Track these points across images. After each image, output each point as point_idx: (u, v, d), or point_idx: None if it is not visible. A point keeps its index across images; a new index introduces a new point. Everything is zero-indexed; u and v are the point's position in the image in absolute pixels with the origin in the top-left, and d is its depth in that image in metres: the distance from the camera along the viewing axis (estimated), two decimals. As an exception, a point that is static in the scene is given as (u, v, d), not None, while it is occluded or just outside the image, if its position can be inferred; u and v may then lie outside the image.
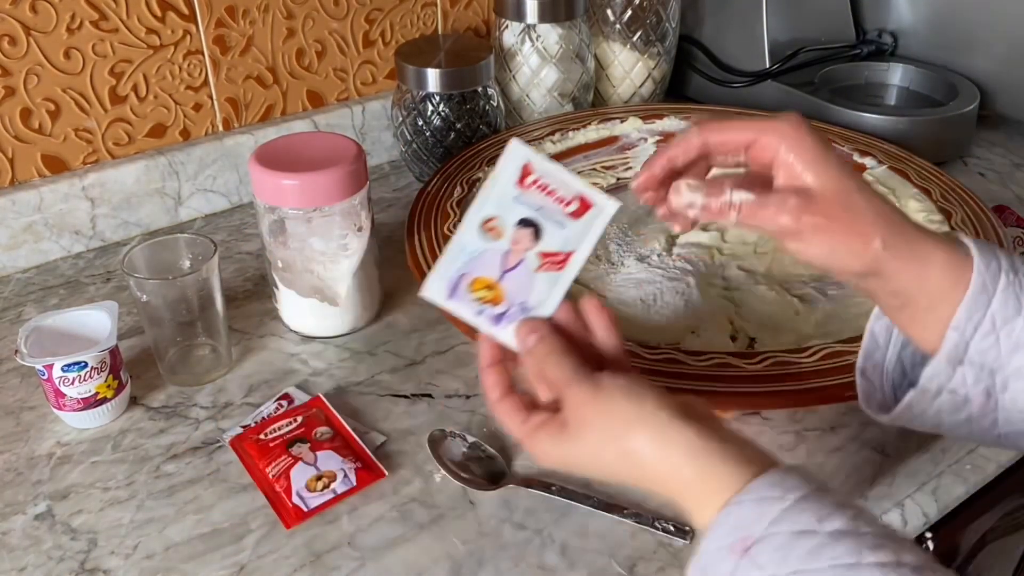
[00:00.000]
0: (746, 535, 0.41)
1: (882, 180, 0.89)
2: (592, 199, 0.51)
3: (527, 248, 0.52)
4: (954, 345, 0.49)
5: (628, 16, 1.06)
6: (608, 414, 0.47)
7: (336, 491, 0.61)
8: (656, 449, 0.45)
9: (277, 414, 0.68)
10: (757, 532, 0.41)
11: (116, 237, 0.91)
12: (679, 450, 0.45)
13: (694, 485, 0.44)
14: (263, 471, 0.63)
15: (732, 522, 0.42)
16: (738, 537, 0.41)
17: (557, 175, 0.51)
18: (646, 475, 0.46)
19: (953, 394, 0.50)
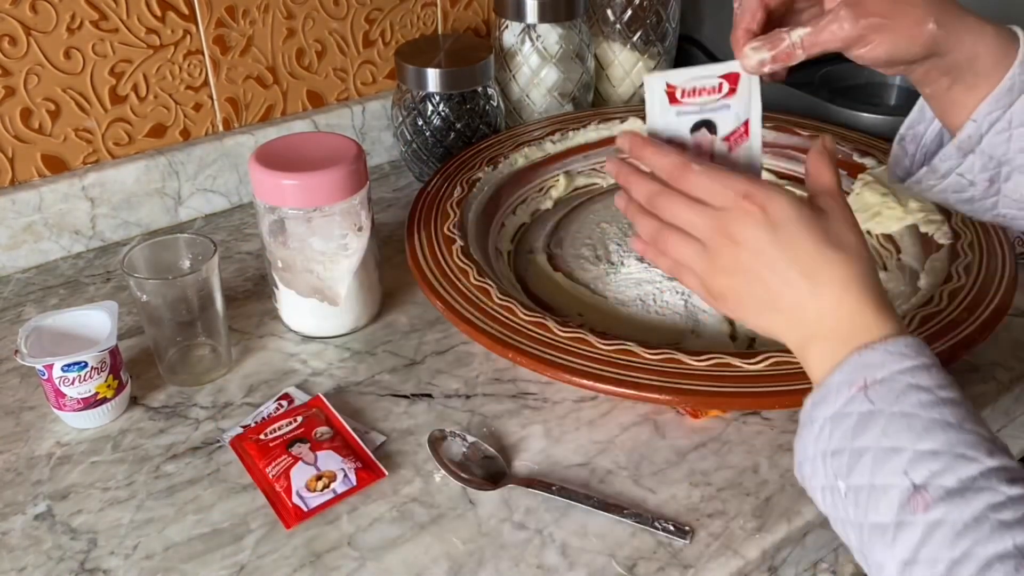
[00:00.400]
0: (870, 375, 0.46)
1: (882, 180, 0.88)
2: (734, 69, 0.56)
3: (711, 143, 0.57)
4: (968, 136, 0.55)
5: (628, 16, 1.06)
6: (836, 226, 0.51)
7: (336, 491, 0.61)
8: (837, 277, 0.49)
9: (277, 414, 0.68)
10: (881, 375, 0.46)
11: (116, 237, 0.91)
12: (854, 288, 0.49)
13: (843, 323, 0.49)
14: (263, 471, 0.63)
15: (861, 363, 0.47)
16: (862, 375, 0.46)
17: (696, 74, 0.56)
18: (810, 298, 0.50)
19: (960, 177, 0.57)
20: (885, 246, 0.85)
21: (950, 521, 0.41)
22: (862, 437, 0.45)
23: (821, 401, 0.48)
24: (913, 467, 0.43)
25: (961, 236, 0.78)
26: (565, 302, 0.79)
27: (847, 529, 0.46)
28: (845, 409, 0.46)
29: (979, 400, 0.70)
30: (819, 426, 0.47)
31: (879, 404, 0.45)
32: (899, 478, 0.43)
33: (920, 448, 0.43)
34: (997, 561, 0.39)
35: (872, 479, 0.44)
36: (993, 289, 0.71)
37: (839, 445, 0.46)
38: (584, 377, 0.64)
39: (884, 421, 0.45)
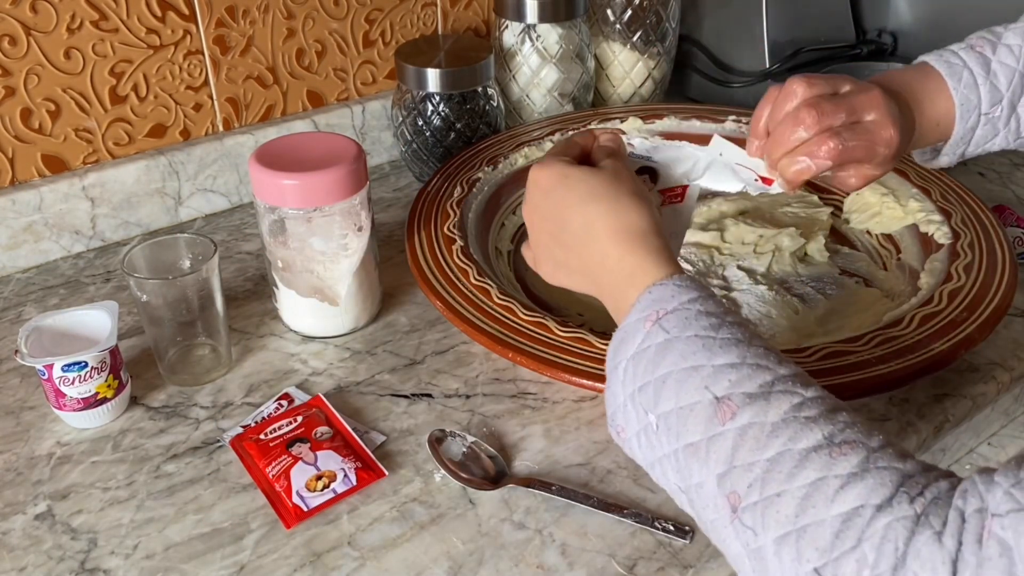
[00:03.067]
0: (661, 308, 0.49)
1: (882, 180, 0.88)
2: None
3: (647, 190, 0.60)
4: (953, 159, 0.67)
5: (628, 16, 1.06)
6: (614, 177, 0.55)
7: (336, 491, 0.61)
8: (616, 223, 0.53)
9: (277, 414, 0.68)
10: (671, 306, 0.49)
11: (116, 237, 0.91)
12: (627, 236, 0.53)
13: (625, 270, 0.52)
14: (263, 471, 0.63)
15: (653, 298, 0.50)
16: (654, 309, 0.49)
17: None
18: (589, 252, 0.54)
19: None
20: (885, 246, 0.85)
21: (758, 423, 0.43)
22: (662, 365, 0.47)
23: (620, 343, 0.50)
24: (713, 381, 0.45)
25: (961, 236, 0.78)
26: (565, 302, 0.79)
27: (665, 466, 0.47)
28: (643, 345, 0.48)
29: (979, 400, 0.70)
30: (623, 369, 0.49)
31: (673, 331, 0.47)
32: (702, 393, 0.45)
33: (716, 363, 0.45)
34: (812, 452, 0.41)
35: (678, 402, 0.46)
36: (993, 289, 0.71)
37: (643, 380, 0.48)
38: (584, 377, 0.64)
39: (681, 346, 0.47)
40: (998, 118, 0.63)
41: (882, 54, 1.17)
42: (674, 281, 0.50)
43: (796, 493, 0.40)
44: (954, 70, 0.63)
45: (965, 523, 0.37)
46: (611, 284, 0.54)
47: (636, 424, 0.49)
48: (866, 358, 0.64)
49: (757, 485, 0.42)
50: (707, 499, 0.44)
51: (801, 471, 0.41)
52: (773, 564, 0.41)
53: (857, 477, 0.40)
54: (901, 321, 0.68)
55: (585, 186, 0.55)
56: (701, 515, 0.46)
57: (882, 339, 0.66)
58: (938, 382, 0.70)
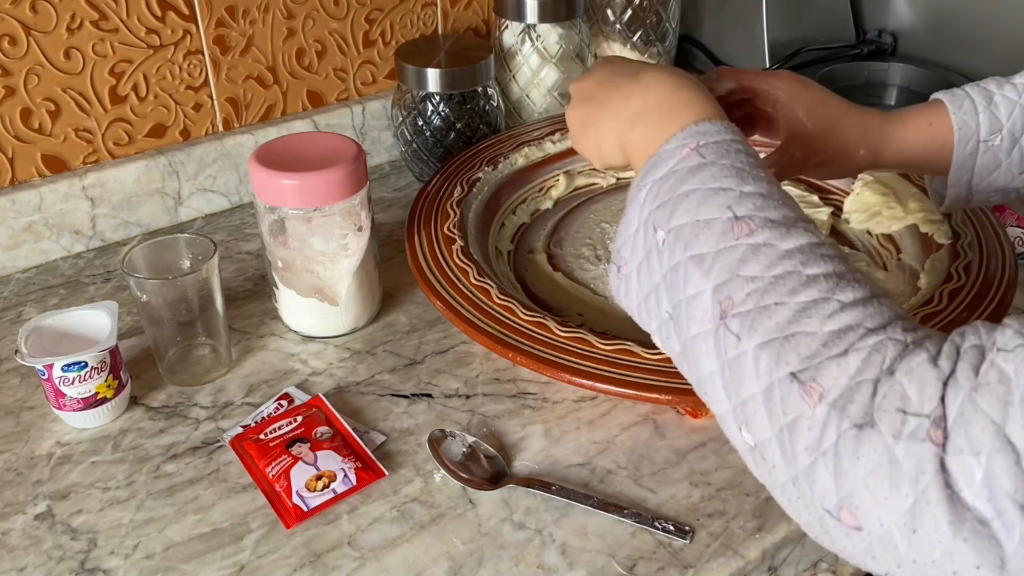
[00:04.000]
0: (703, 139, 0.49)
1: (882, 180, 0.89)
2: None
3: None
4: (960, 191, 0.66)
5: (628, 16, 1.06)
6: None
7: (336, 491, 0.61)
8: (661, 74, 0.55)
9: (277, 414, 0.68)
10: (711, 139, 0.49)
11: (116, 237, 0.91)
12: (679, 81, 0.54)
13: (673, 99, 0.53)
14: (263, 471, 0.63)
15: (698, 130, 0.49)
16: (695, 139, 0.49)
17: None
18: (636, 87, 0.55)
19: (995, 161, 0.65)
20: (885, 246, 0.85)
21: (772, 245, 0.43)
22: (688, 182, 0.47)
23: (652, 167, 0.49)
24: (738, 203, 0.45)
25: (961, 236, 0.78)
26: (565, 302, 0.79)
27: (660, 295, 0.47)
28: (675, 167, 0.48)
29: (979, 400, 0.70)
30: (646, 191, 0.49)
31: (709, 157, 0.47)
32: (722, 211, 0.45)
33: (745, 189, 0.45)
34: (821, 278, 0.41)
35: (695, 215, 0.45)
36: (993, 289, 0.71)
37: (664, 199, 0.47)
38: (584, 377, 0.64)
39: (714, 169, 0.47)
40: (998, 147, 0.64)
41: (882, 54, 1.17)
42: (724, 123, 0.50)
43: (793, 306, 0.41)
44: (956, 98, 0.65)
45: (960, 354, 0.38)
46: (661, 106, 0.53)
47: (642, 251, 0.48)
48: (866, 358, 0.64)
49: (755, 295, 0.42)
50: (696, 310, 0.44)
51: (804, 289, 0.41)
52: (748, 371, 0.41)
53: (858, 304, 0.40)
54: (901, 321, 0.68)
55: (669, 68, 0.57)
56: (685, 331, 0.45)
57: (882, 339, 0.66)
58: (938, 382, 0.70)
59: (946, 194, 0.66)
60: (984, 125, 0.64)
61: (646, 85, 0.55)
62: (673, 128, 0.50)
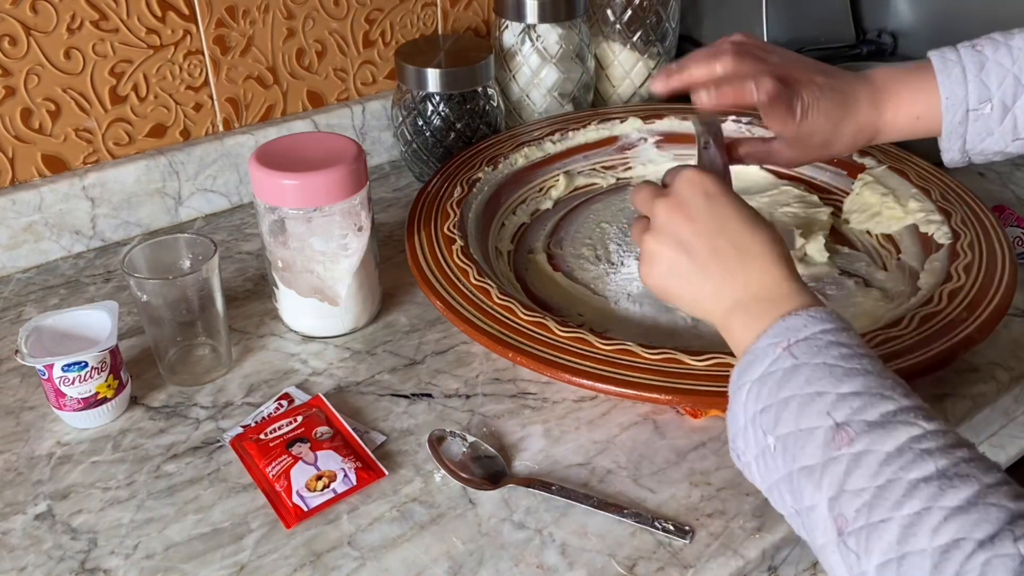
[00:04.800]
0: (793, 336, 0.49)
1: (882, 180, 0.89)
2: None
3: None
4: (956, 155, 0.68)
5: (628, 16, 1.06)
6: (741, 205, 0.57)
7: (336, 491, 0.61)
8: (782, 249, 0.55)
9: (277, 414, 0.68)
10: (803, 335, 0.48)
11: (116, 237, 0.91)
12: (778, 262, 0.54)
13: (768, 292, 0.52)
14: (263, 471, 0.63)
15: (786, 326, 0.49)
16: (786, 336, 0.49)
17: None
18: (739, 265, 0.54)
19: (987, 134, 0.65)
20: (885, 246, 0.85)
21: (874, 451, 0.42)
22: (786, 388, 0.47)
23: (748, 366, 0.50)
24: (835, 408, 0.45)
25: (961, 236, 0.78)
26: (565, 302, 0.79)
27: (782, 491, 0.47)
28: (770, 368, 0.48)
29: (979, 400, 0.70)
30: (746, 391, 0.49)
31: (802, 358, 0.47)
32: (823, 419, 0.45)
33: (841, 391, 0.45)
34: (922, 483, 0.40)
35: (797, 424, 0.46)
36: (993, 289, 0.71)
37: (766, 402, 0.48)
38: (584, 377, 0.64)
39: (807, 371, 0.47)
40: (989, 115, 0.64)
41: (882, 54, 1.17)
42: (809, 312, 0.50)
43: (900, 521, 0.40)
44: (947, 65, 0.64)
45: None
46: (757, 299, 0.53)
47: (755, 447, 0.48)
48: (866, 358, 0.64)
49: (864, 511, 0.41)
50: (817, 521, 0.44)
51: (908, 500, 0.40)
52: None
53: (962, 511, 0.39)
54: (901, 321, 0.68)
55: (749, 209, 0.56)
56: (812, 538, 0.45)
57: (882, 339, 0.66)
58: (938, 382, 0.70)
59: (945, 157, 0.67)
60: (973, 94, 0.64)
61: (751, 270, 0.54)
62: (763, 322, 0.51)
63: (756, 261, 0.54)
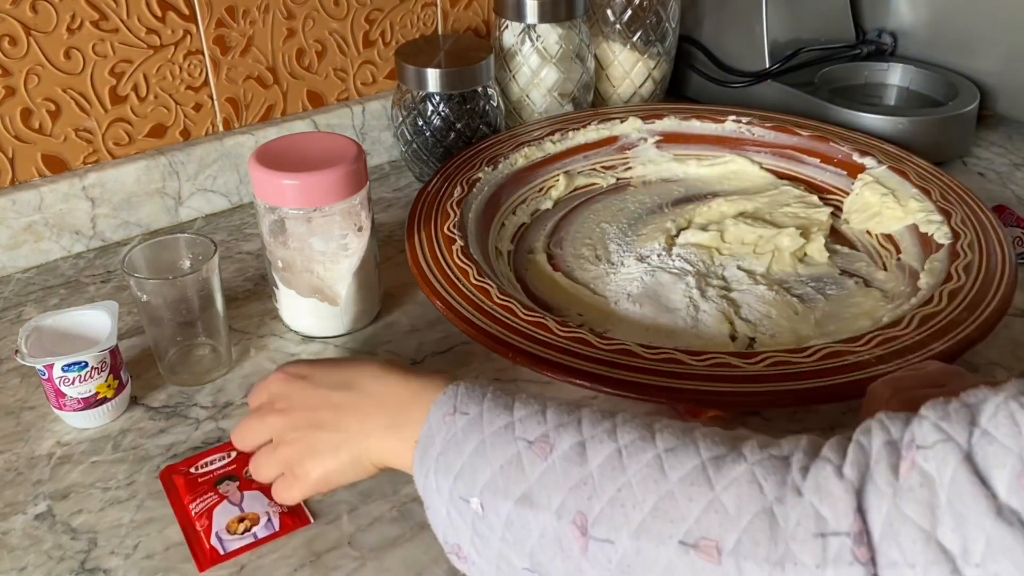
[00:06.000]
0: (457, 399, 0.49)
1: (882, 180, 0.89)
2: None
3: None
4: None
5: (628, 16, 1.06)
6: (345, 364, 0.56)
7: (257, 535, 0.58)
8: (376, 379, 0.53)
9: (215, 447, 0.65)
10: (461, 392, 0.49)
11: (116, 237, 0.91)
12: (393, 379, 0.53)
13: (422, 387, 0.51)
14: (187, 507, 0.60)
15: (446, 397, 0.49)
16: (451, 404, 0.48)
17: None
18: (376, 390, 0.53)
19: None
20: (885, 246, 0.85)
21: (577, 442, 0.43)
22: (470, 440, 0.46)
23: (425, 451, 0.48)
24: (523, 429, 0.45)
25: (961, 236, 0.78)
26: (565, 302, 0.79)
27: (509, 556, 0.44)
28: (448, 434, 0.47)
29: (979, 400, 0.70)
30: (433, 473, 0.47)
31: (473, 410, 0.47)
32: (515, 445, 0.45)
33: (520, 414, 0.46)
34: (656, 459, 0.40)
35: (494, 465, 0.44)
36: (993, 289, 0.71)
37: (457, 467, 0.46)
38: (584, 377, 0.64)
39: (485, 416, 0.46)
40: None
41: (882, 54, 1.17)
42: (458, 385, 0.50)
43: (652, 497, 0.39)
44: None
45: (873, 456, 0.35)
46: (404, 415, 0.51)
47: (465, 528, 0.45)
48: (866, 358, 0.64)
49: (596, 499, 0.40)
50: (552, 547, 0.41)
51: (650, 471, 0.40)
52: (639, 568, 0.39)
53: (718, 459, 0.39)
54: (901, 321, 0.68)
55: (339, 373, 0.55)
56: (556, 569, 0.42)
57: (882, 339, 0.66)
58: (938, 382, 0.70)
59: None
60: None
61: (371, 389, 0.53)
62: (421, 413, 0.49)
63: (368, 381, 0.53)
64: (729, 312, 0.76)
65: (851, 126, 0.99)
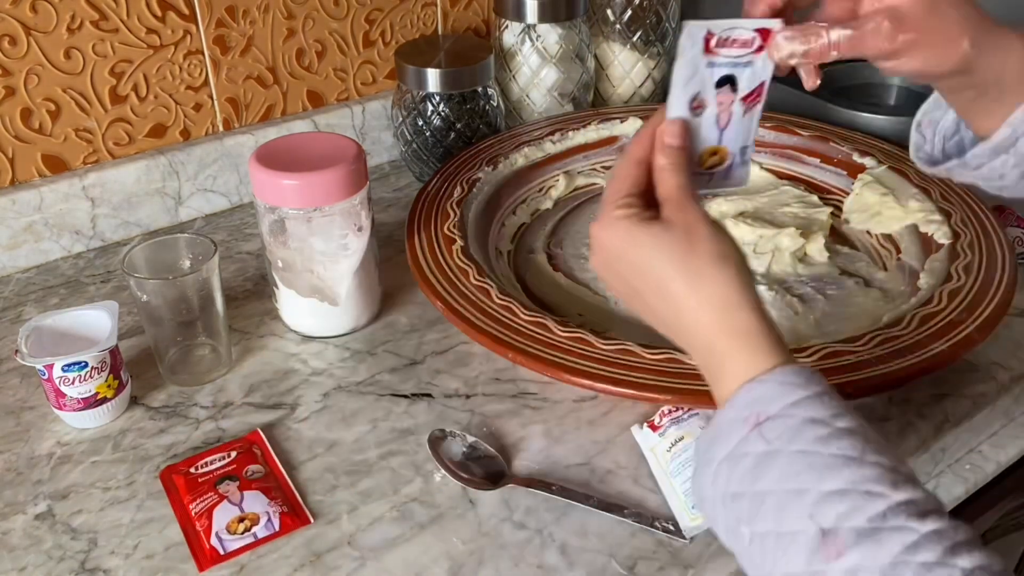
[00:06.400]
0: (762, 411, 0.43)
1: (882, 180, 0.89)
2: (768, 26, 0.53)
3: (731, 101, 0.55)
4: (1004, 138, 0.54)
5: (628, 16, 1.06)
6: (688, 239, 0.49)
7: (257, 535, 0.58)
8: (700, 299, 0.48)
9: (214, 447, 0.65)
10: (773, 410, 0.43)
11: (116, 237, 0.91)
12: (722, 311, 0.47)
13: (723, 354, 0.47)
14: (187, 507, 0.60)
15: (752, 397, 0.44)
16: (754, 411, 0.44)
17: (733, 24, 0.53)
18: (679, 319, 0.49)
19: (991, 169, 0.57)
20: (885, 246, 0.85)
21: (867, 567, 0.39)
22: (762, 480, 0.43)
23: (714, 441, 0.45)
24: (819, 510, 0.41)
25: (961, 236, 0.78)
26: (565, 302, 0.79)
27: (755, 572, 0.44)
28: (740, 449, 0.44)
29: (979, 400, 0.70)
30: (714, 469, 0.45)
31: (775, 443, 0.43)
32: (806, 523, 0.41)
33: (824, 488, 0.41)
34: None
35: (778, 526, 0.42)
36: (993, 289, 0.71)
37: (739, 488, 0.44)
38: (584, 377, 0.64)
39: (784, 461, 0.42)
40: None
41: (882, 54, 1.17)
42: (777, 377, 0.44)
43: None
44: None
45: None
46: (704, 360, 0.49)
47: (724, 523, 0.45)
48: (866, 358, 0.64)
49: None
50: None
51: None
52: None
53: None
54: (901, 321, 0.68)
55: (658, 257, 0.49)
56: None
57: (882, 339, 0.66)
58: (938, 382, 0.70)
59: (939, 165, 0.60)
60: None
61: (685, 322, 0.49)
62: (726, 386, 0.46)
63: (687, 317, 0.48)
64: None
65: (851, 126, 0.99)
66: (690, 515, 0.59)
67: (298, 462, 0.65)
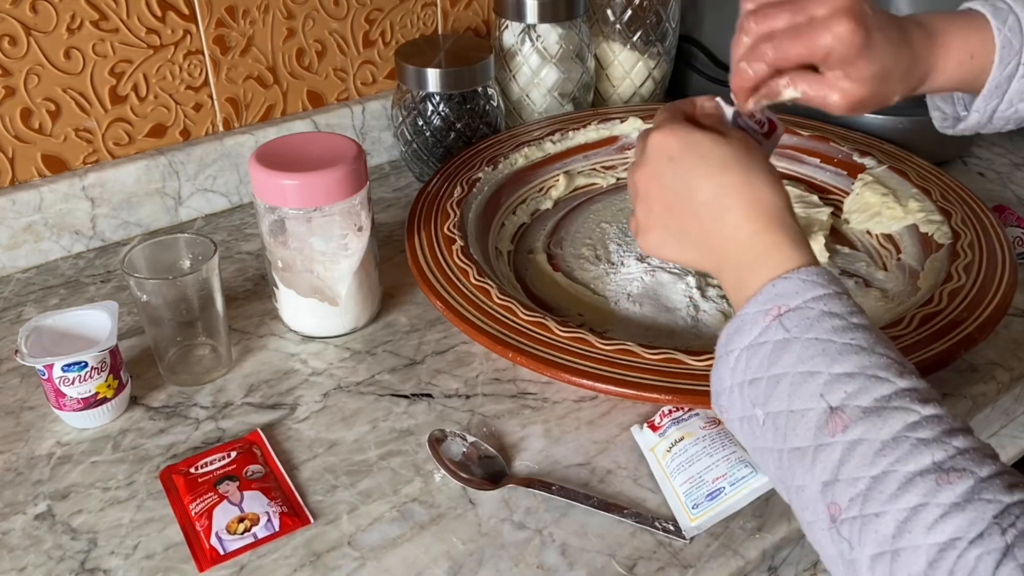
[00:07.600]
0: (784, 304, 0.47)
1: (882, 180, 0.89)
2: None
3: None
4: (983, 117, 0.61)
5: (628, 16, 1.06)
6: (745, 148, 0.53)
7: (257, 535, 0.58)
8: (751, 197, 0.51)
9: (213, 447, 0.65)
10: (794, 303, 0.47)
11: (116, 237, 0.91)
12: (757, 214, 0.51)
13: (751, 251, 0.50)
14: (187, 507, 0.60)
15: (776, 292, 0.48)
16: (775, 304, 0.47)
17: None
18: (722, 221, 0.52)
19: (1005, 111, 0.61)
20: (885, 246, 0.85)
21: (868, 440, 0.42)
22: (778, 364, 0.46)
23: (736, 332, 0.49)
24: (829, 389, 0.44)
25: (961, 236, 0.78)
26: (565, 302, 0.79)
27: (765, 457, 0.47)
28: (761, 339, 0.47)
29: (979, 400, 0.70)
30: (735, 357, 0.48)
31: (793, 331, 0.46)
32: (816, 401, 0.44)
33: (835, 371, 0.44)
34: (918, 477, 0.40)
35: (790, 404, 0.45)
36: (993, 289, 0.71)
37: (756, 374, 0.47)
38: (584, 377, 0.64)
39: (799, 347, 0.46)
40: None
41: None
42: (800, 275, 0.48)
43: (896, 515, 0.40)
44: (999, 13, 0.59)
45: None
46: (737, 260, 0.51)
47: (740, 411, 0.48)
48: (866, 358, 0.64)
49: (858, 501, 0.41)
50: (807, 502, 0.44)
51: (904, 494, 0.40)
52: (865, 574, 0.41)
53: (959, 508, 0.39)
54: (901, 321, 0.68)
55: (718, 154, 0.52)
56: (799, 514, 0.46)
57: (882, 339, 0.66)
58: (938, 382, 0.70)
59: (965, 117, 0.62)
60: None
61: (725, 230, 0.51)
62: (754, 280, 0.49)
63: (728, 219, 0.51)
64: (729, 312, 0.76)
65: (851, 126, 0.99)
66: (690, 515, 0.59)
67: (298, 462, 0.65)
